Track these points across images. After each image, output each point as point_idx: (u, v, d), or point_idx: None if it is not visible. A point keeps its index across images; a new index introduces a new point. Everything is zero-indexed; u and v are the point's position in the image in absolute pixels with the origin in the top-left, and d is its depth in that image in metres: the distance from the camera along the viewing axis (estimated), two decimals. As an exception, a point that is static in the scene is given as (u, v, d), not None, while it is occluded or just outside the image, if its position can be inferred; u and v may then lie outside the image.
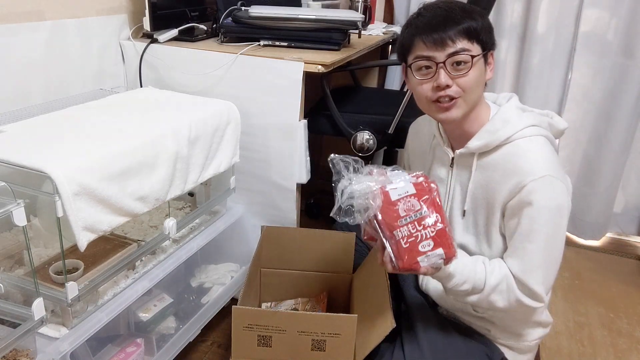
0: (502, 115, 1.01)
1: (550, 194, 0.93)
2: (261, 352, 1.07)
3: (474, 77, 0.96)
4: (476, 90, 0.98)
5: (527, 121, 0.99)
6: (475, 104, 1.01)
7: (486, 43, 0.97)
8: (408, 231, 0.90)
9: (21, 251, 1.07)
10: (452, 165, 1.08)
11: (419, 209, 0.90)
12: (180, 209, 1.45)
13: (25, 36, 1.25)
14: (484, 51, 0.97)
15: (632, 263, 2.08)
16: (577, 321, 1.69)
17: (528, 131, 0.99)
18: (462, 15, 0.95)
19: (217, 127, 1.26)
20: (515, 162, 0.96)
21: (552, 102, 2.04)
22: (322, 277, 1.43)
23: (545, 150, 0.97)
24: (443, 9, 0.97)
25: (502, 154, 0.99)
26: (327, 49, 1.47)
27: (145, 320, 1.24)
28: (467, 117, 1.01)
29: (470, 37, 0.95)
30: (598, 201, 2.11)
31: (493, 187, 1.00)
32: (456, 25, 0.94)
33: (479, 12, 0.98)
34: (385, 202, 0.91)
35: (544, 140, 0.99)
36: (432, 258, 0.90)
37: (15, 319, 0.92)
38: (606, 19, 1.91)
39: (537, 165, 0.94)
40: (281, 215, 1.54)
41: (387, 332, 0.99)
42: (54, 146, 0.96)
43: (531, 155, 0.96)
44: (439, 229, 0.90)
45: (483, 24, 0.96)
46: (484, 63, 0.99)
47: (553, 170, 0.94)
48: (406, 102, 1.64)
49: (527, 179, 0.93)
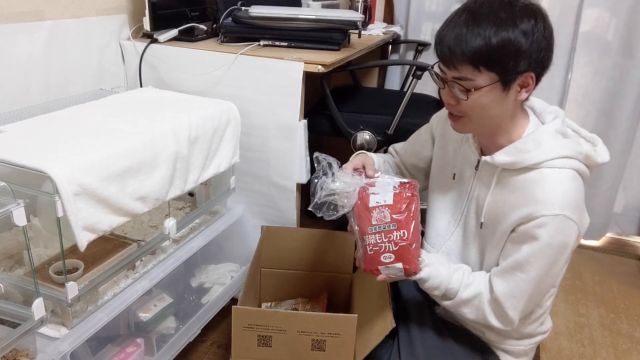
0: (538, 137, 0.94)
1: (558, 233, 0.89)
2: (261, 352, 1.07)
3: (478, 104, 0.91)
4: (484, 114, 0.92)
5: (562, 151, 0.92)
6: (493, 123, 0.95)
7: (507, 68, 0.87)
8: (375, 240, 0.95)
9: (21, 251, 1.07)
10: (477, 168, 1.04)
11: (388, 222, 0.95)
12: (180, 209, 1.45)
13: (25, 36, 1.25)
14: (502, 77, 0.87)
15: (633, 263, 2.08)
16: (578, 322, 1.69)
17: (559, 162, 0.92)
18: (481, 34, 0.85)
19: (217, 127, 1.26)
20: (534, 190, 0.91)
21: (552, 102, 2.03)
22: (322, 277, 1.43)
23: (569, 185, 0.91)
24: (464, 21, 0.87)
25: (525, 178, 0.93)
26: (327, 49, 1.47)
27: (145, 320, 1.24)
28: (490, 131, 0.97)
29: (477, 64, 0.87)
30: (598, 201, 2.11)
31: (507, 208, 0.95)
32: (464, 49, 0.86)
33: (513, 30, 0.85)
34: (363, 206, 0.96)
35: (573, 173, 0.92)
36: (391, 270, 0.96)
37: (15, 319, 0.92)
38: (606, 19, 1.91)
39: (554, 200, 0.89)
40: (281, 215, 1.54)
41: (387, 332, 1.00)
42: (54, 146, 0.96)
43: (552, 188, 0.90)
44: (401, 245, 0.94)
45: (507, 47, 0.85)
46: (502, 89, 0.89)
47: (569, 210, 0.89)
48: (406, 102, 1.64)
49: (540, 212, 0.89)
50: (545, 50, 0.89)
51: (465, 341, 1.06)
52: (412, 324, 1.08)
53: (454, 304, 1.00)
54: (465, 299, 0.98)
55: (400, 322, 1.09)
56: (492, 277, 0.97)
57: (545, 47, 0.89)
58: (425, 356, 1.01)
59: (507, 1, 0.88)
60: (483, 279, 0.99)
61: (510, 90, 0.90)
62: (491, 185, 1.00)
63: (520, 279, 0.93)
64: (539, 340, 1.09)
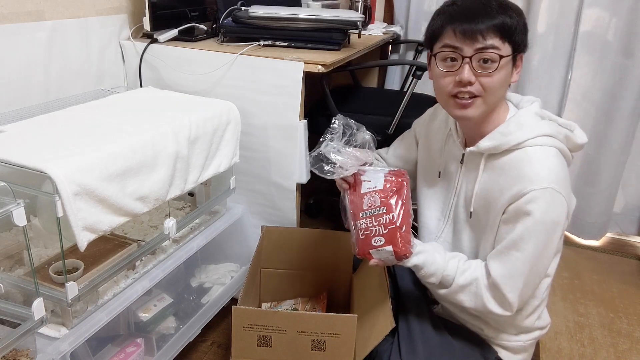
0: (519, 119, 0.97)
1: (549, 206, 0.91)
2: (261, 352, 1.07)
3: (499, 79, 0.92)
4: (498, 92, 0.95)
5: (542, 130, 0.96)
6: (495, 105, 0.98)
7: (518, 44, 0.93)
8: (366, 224, 0.98)
9: (21, 251, 1.07)
10: (462, 162, 1.06)
11: (378, 206, 0.97)
12: (180, 209, 1.45)
13: (25, 36, 1.25)
14: (514, 52, 0.93)
15: (632, 263, 2.08)
16: (577, 321, 1.69)
17: (541, 140, 0.95)
18: (499, 11, 0.90)
19: (217, 127, 1.26)
20: (521, 169, 0.93)
21: (552, 102, 2.04)
22: (322, 277, 1.43)
23: (554, 162, 0.94)
24: (480, 1, 0.92)
25: (510, 159, 0.96)
26: (327, 49, 1.47)
27: (145, 320, 1.24)
28: (485, 117, 0.99)
29: (503, 35, 0.90)
30: (598, 201, 2.11)
31: (497, 191, 0.97)
32: (490, 20, 0.89)
33: (517, 10, 0.93)
34: (356, 192, 1.00)
35: (556, 151, 0.95)
36: (382, 253, 0.98)
37: (15, 319, 0.92)
38: (606, 19, 1.91)
39: (542, 176, 0.91)
40: (281, 215, 1.54)
41: (387, 332, 1.00)
42: (54, 146, 0.96)
43: (538, 164, 0.93)
44: (390, 228, 0.96)
45: (519, 23, 0.91)
46: (512, 65, 0.94)
47: (557, 184, 0.91)
48: (406, 102, 1.65)
49: (529, 187, 0.91)
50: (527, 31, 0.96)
51: (464, 338, 1.07)
52: (411, 321, 1.08)
53: (450, 292, 1.00)
54: (462, 285, 0.98)
55: (400, 319, 1.09)
56: (488, 261, 0.98)
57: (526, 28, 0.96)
58: (425, 353, 1.01)
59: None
60: (479, 265, 1.00)
61: (514, 69, 0.95)
62: (478, 174, 1.02)
63: (516, 258, 0.93)
64: (537, 336, 1.09)
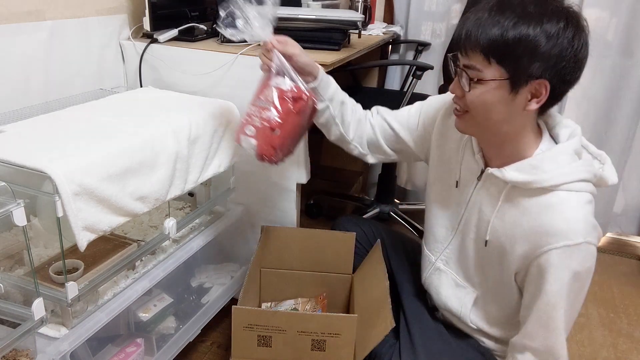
0: (556, 156, 0.87)
1: (584, 260, 0.85)
2: (261, 352, 1.07)
3: (481, 100, 0.85)
4: (487, 115, 0.87)
5: (581, 174, 0.87)
6: (498, 131, 0.89)
7: (518, 66, 0.81)
8: (252, 111, 1.01)
9: (21, 251, 1.07)
10: (480, 179, 0.98)
11: (269, 101, 0.99)
12: (180, 209, 1.45)
13: (25, 36, 1.25)
14: (512, 75, 0.81)
15: (632, 263, 2.08)
16: (577, 322, 1.69)
17: (577, 186, 0.86)
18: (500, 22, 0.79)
19: (217, 127, 1.26)
20: (552, 217, 0.85)
21: (552, 102, 2.04)
22: (322, 277, 1.43)
23: (588, 210, 0.86)
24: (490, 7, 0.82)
25: (540, 202, 0.87)
26: (327, 49, 1.47)
27: (145, 320, 1.24)
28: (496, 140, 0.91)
29: (488, 54, 0.81)
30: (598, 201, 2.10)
31: (517, 231, 0.90)
32: (478, 35, 0.81)
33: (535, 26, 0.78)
34: (268, 80, 1.02)
35: (590, 197, 0.88)
36: (247, 142, 1.01)
37: (15, 319, 0.92)
38: (606, 19, 1.91)
39: (577, 229, 0.84)
40: (281, 215, 1.54)
41: (386, 332, 0.99)
42: (54, 146, 0.96)
43: (572, 214, 0.85)
44: (265, 125, 0.98)
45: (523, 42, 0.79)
46: (510, 89, 0.83)
47: (591, 235, 0.84)
48: (406, 102, 1.65)
49: (561, 242, 0.84)
50: (568, 62, 0.81)
51: (465, 345, 1.06)
52: (413, 327, 1.08)
53: None
54: None
55: (401, 326, 1.09)
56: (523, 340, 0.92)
57: (570, 58, 0.81)
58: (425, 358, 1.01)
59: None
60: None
61: (518, 95, 0.83)
62: (498, 202, 0.93)
63: (556, 318, 0.88)
64: None
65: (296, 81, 1.01)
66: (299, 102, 0.99)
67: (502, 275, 0.97)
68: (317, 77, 1.07)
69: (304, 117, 1.02)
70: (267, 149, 0.98)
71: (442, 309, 1.12)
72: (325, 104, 1.12)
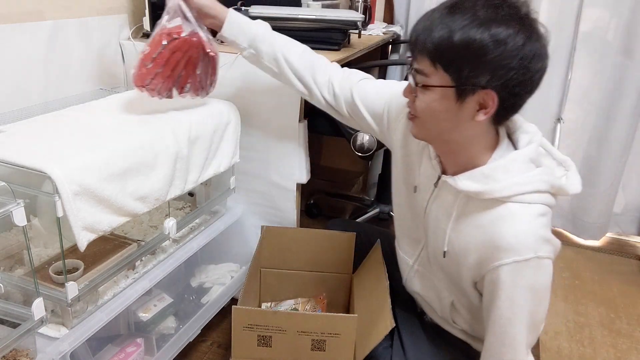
0: (509, 165, 0.83)
1: (536, 276, 0.82)
2: (261, 352, 1.07)
3: (428, 107, 0.82)
4: (435, 122, 0.83)
5: (534, 185, 0.82)
6: (448, 139, 0.85)
7: (462, 74, 0.77)
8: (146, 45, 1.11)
9: (21, 251, 1.07)
10: (436, 186, 0.94)
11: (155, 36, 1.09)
12: (180, 209, 1.45)
13: (25, 36, 1.25)
14: (457, 83, 0.77)
15: (632, 263, 2.08)
16: (577, 321, 1.69)
17: (529, 197, 0.82)
18: (448, 26, 0.75)
19: (217, 127, 1.26)
20: (501, 231, 0.81)
21: (552, 102, 2.04)
22: (322, 277, 1.43)
23: (540, 222, 0.82)
24: (441, 10, 0.78)
25: (491, 214, 0.84)
26: (327, 49, 1.47)
27: (145, 320, 1.24)
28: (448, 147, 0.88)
29: (434, 59, 0.78)
30: (598, 201, 2.11)
31: (471, 243, 0.87)
32: (425, 38, 0.78)
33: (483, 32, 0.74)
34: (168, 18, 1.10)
35: (544, 209, 0.83)
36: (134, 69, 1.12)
37: (15, 319, 0.92)
38: (606, 19, 1.91)
39: (526, 244, 0.80)
40: (281, 215, 1.54)
41: (386, 332, 0.99)
42: (54, 146, 0.96)
43: (522, 227, 0.81)
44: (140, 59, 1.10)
45: (468, 48, 0.74)
46: (456, 98, 0.79)
47: (542, 249, 0.81)
48: (406, 102, 1.64)
49: (511, 257, 0.80)
50: (517, 72, 0.75)
51: (454, 345, 1.06)
52: (403, 333, 1.08)
53: None
54: None
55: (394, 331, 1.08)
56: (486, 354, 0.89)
57: (519, 68, 0.75)
58: None
59: (499, 1, 0.76)
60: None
61: (465, 104, 0.79)
62: (453, 212, 0.90)
63: (514, 333, 0.84)
64: None
65: (184, 23, 1.09)
66: (173, 41, 1.09)
67: (462, 284, 0.94)
68: (223, 23, 1.12)
69: (184, 54, 1.11)
70: (137, 80, 1.10)
71: (427, 311, 1.12)
72: (248, 51, 1.16)
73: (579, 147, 2.10)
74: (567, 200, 2.20)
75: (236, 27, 1.14)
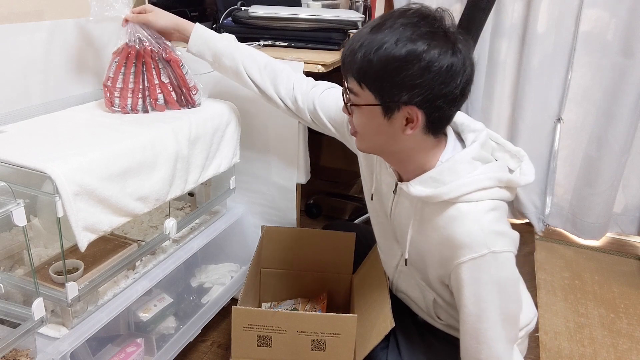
0: (453, 166, 0.85)
1: (496, 269, 0.83)
2: (261, 352, 1.07)
3: (360, 123, 0.86)
4: (373, 137, 0.86)
5: (479, 183, 0.84)
6: (390, 151, 0.88)
7: (384, 92, 0.79)
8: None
9: (21, 251, 1.07)
10: (395, 193, 0.97)
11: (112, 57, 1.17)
12: (180, 209, 1.45)
13: (25, 36, 1.25)
14: (382, 101, 0.80)
15: (633, 263, 2.08)
16: (578, 322, 1.69)
17: (476, 195, 0.84)
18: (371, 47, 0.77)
19: (217, 127, 1.26)
20: (454, 232, 0.84)
21: (552, 102, 2.04)
22: (322, 277, 1.43)
23: (490, 218, 0.83)
24: (369, 27, 0.79)
25: (444, 216, 0.86)
26: (327, 49, 1.47)
27: (145, 320, 1.24)
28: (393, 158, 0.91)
29: (360, 80, 0.81)
30: (598, 201, 2.11)
31: (431, 246, 0.90)
32: (351, 59, 0.80)
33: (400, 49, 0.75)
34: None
35: (493, 204, 0.85)
36: None
37: (15, 319, 0.92)
38: (606, 19, 1.91)
39: (478, 240, 0.82)
40: (281, 215, 1.54)
41: (386, 332, 1.00)
42: (54, 146, 0.96)
43: (473, 225, 0.82)
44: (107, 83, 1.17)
45: (387, 67, 0.76)
46: (384, 115, 0.81)
47: (496, 244, 0.82)
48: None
49: (467, 255, 0.83)
50: (436, 87, 0.77)
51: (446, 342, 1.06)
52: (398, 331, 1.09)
53: None
54: None
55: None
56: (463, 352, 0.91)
57: (438, 84, 0.76)
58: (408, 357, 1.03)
59: (420, 18, 0.77)
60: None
61: (393, 120, 0.81)
62: (411, 218, 0.92)
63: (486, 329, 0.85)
64: (523, 335, 1.06)
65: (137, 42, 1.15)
66: (119, 54, 1.15)
67: (434, 284, 0.96)
68: (188, 40, 1.19)
69: (135, 64, 1.15)
70: (107, 104, 1.17)
71: (415, 310, 1.12)
72: (213, 64, 1.22)
73: (578, 147, 2.10)
74: (567, 201, 2.20)
75: (200, 42, 1.18)
